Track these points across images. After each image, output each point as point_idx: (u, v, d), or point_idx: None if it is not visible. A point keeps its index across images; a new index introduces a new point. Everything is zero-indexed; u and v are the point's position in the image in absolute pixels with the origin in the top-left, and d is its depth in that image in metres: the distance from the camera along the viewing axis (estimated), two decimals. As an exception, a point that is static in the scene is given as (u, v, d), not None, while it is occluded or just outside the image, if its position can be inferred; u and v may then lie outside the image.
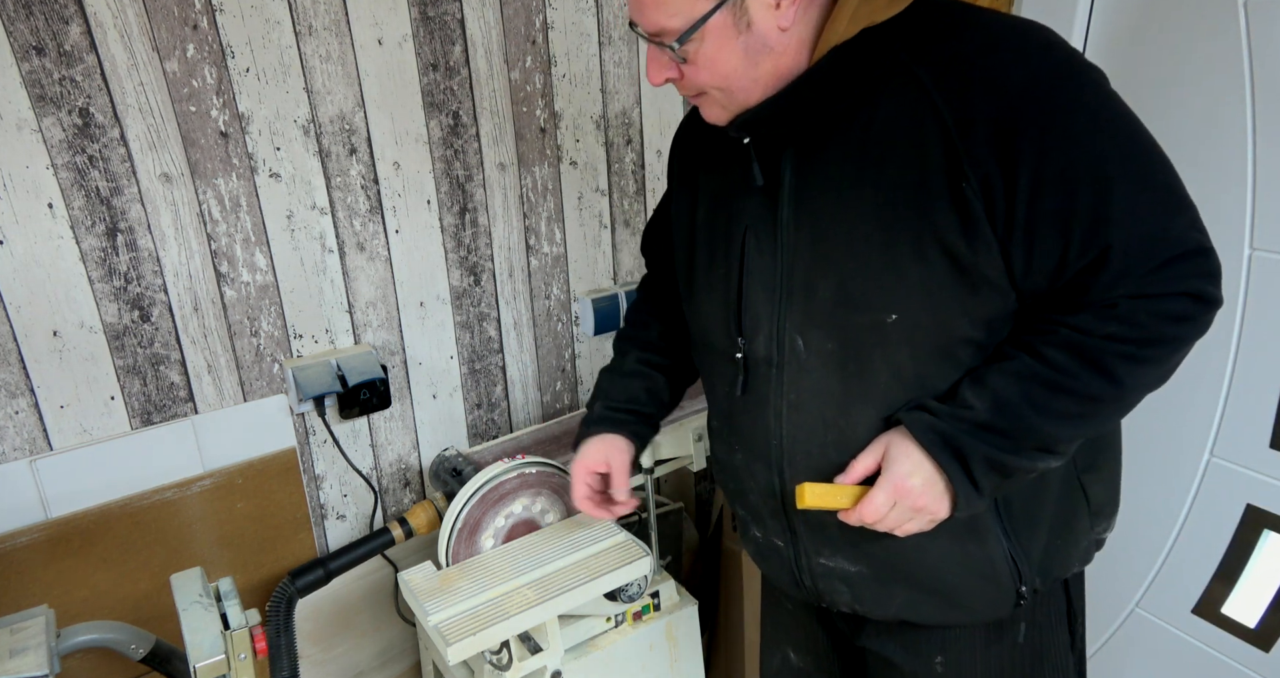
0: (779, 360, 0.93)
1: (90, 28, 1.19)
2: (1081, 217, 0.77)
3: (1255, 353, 1.33)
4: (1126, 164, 0.77)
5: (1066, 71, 0.78)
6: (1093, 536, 1.00)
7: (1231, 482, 1.38)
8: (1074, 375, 0.81)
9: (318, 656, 1.62)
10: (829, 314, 0.88)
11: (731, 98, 0.88)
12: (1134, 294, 0.79)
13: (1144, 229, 0.77)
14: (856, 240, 0.85)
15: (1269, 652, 1.35)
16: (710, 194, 1.01)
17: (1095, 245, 0.78)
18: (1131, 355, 0.80)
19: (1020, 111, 0.77)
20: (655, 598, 1.49)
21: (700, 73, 0.85)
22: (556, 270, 1.78)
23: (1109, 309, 0.79)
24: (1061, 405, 0.81)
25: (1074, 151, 0.77)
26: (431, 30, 1.49)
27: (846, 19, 0.81)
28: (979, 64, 0.78)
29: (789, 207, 0.90)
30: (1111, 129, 0.78)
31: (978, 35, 0.80)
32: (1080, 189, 0.77)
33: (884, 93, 0.82)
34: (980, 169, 0.78)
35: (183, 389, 1.39)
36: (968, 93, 0.78)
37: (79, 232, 1.25)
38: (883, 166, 0.83)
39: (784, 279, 0.91)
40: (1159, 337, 0.80)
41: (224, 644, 1.04)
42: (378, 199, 1.51)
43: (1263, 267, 1.30)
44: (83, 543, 1.32)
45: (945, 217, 0.80)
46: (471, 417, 1.75)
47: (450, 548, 1.32)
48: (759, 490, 1.01)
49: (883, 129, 0.82)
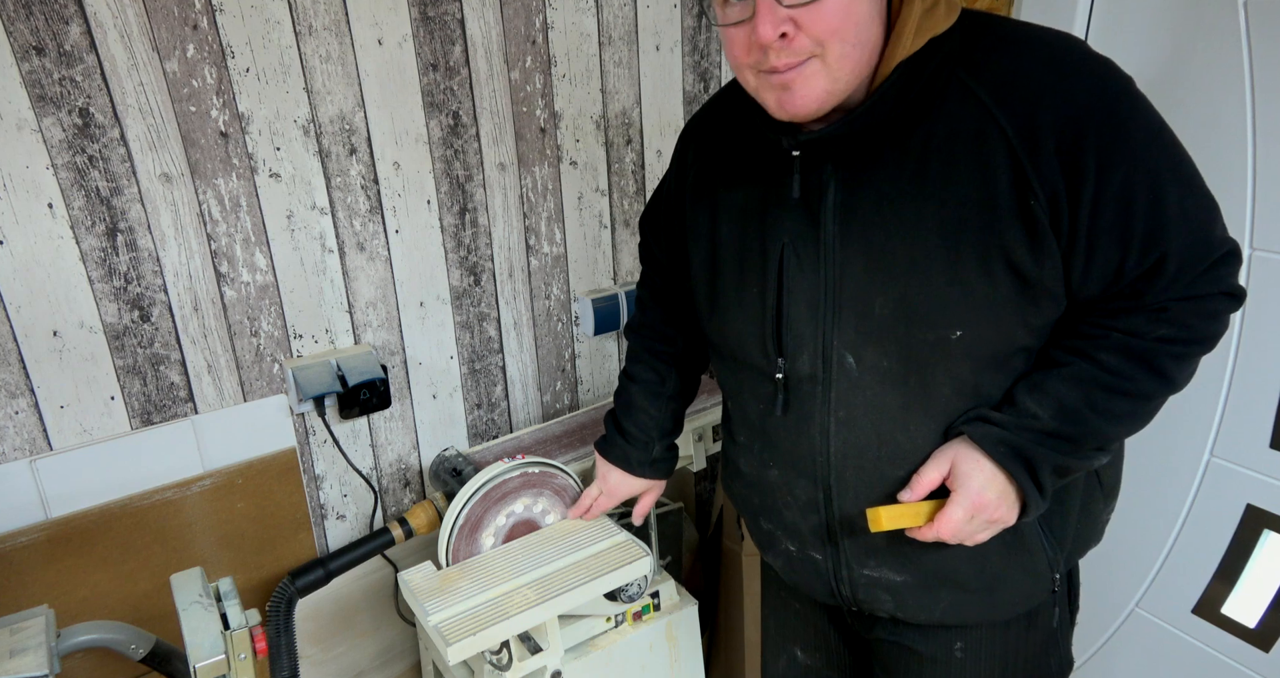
0: (825, 377, 0.92)
1: (90, 28, 1.19)
2: (1139, 228, 0.81)
3: (1255, 353, 1.33)
4: (1176, 174, 0.81)
5: (1119, 87, 0.80)
6: (1105, 516, 1.03)
7: (1231, 482, 1.38)
8: (1130, 377, 0.85)
9: (318, 656, 1.62)
10: (887, 330, 0.87)
11: (841, 64, 0.80)
12: (1183, 296, 0.83)
13: (1193, 236, 0.81)
14: (918, 257, 0.84)
15: (1269, 652, 1.35)
16: (735, 210, 0.97)
17: (1151, 254, 0.81)
18: (1181, 354, 0.86)
19: (1083, 127, 0.78)
20: (655, 598, 1.49)
21: (827, 16, 0.77)
22: (556, 270, 1.78)
23: (1160, 312, 0.84)
24: (1119, 406, 0.86)
25: (1133, 165, 0.79)
26: (431, 30, 1.49)
27: (912, 31, 0.81)
28: (1037, 80, 0.79)
29: (835, 221, 0.88)
30: (1161, 142, 0.81)
31: (1030, 51, 0.81)
32: (1137, 201, 0.80)
33: (942, 108, 0.82)
34: (1049, 185, 0.80)
35: (183, 389, 1.39)
36: (1030, 109, 0.79)
37: (79, 232, 1.25)
38: (946, 182, 0.82)
39: (831, 295, 0.90)
40: (1204, 335, 0.86)
41: (224, 644, 1.04)
42: (378, 199, 1.51)
43: (1263, 267, 1.30)
44: (83, 543, 1.32)
45: (1013, 232, 0.81)
46: (471, 417, 1.75)
47: (450, 546, 1.32)
48: (798, 506, 1.01)
49: (944, 145, 0.82)
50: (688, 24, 1.80)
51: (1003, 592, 0.97)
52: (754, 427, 1.03)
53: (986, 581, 0.96)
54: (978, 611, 0.98)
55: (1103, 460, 0.90)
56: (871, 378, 0.90)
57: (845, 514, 0.97)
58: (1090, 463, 0.88)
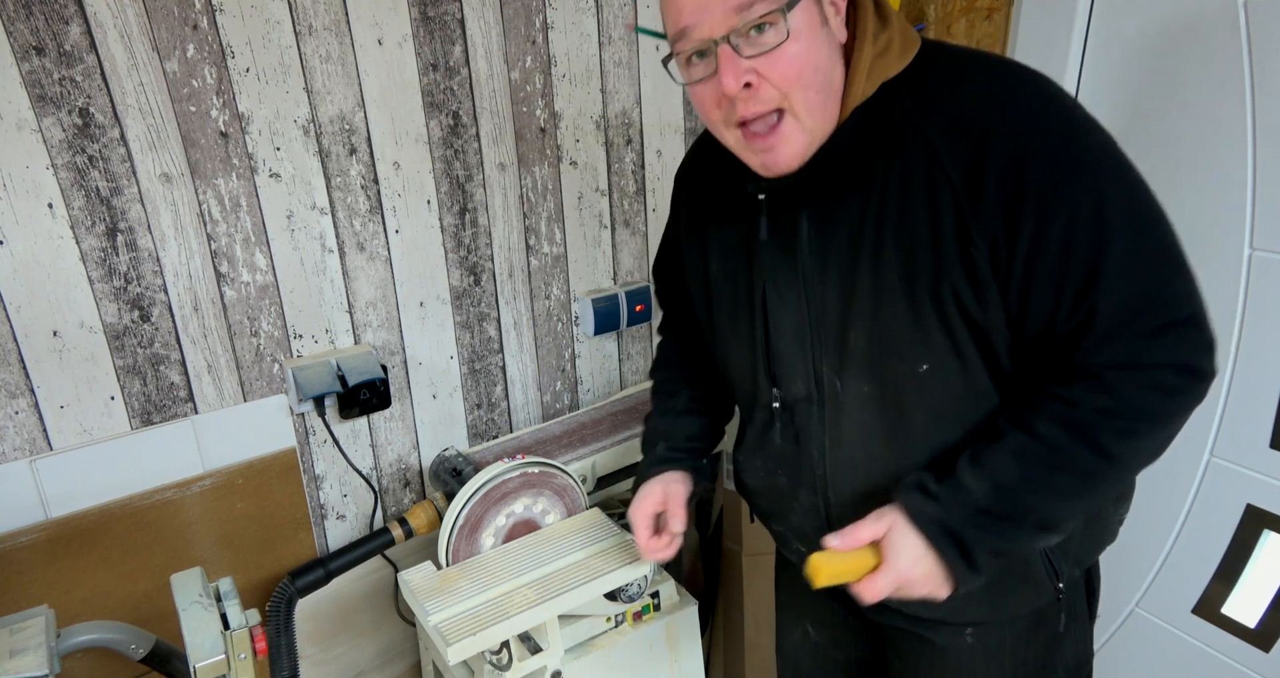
0: (820, 399, 0.95)
1: (90, 28, 1.19)
2: (1074, 279, 0.78)
3: (1255, 353, 1.33)
4: (1126, 228, 0.77)
5: (1071, 131, 0.78)
6: (1116, 518, 1.03)
7: (1231, 482, 1.38)
8: (1067, 452, 0.80)
9: (318, 656, 1.62)
10: (864, 360, 0.89)
11: (810, 113, 0.81)
12: (1121, 363, 0.78)
13: (1133, 295, 0.77)
14: (883, 295, 0.85)
15: (1269, 652, 1.35)
16: (722, 247, 1.00)
17: (1082, 309, 0.78)
18: (1122, 430, 0.79)
19: (1025, 173, 0.77)
20: (655, 598, 1.49)
21: (787, 64, 0.78)
22: (556, 270, 1.78)
23: (1094, 380, 0.79)
24: (1059, 483, 0.81)
25: (1075, 212, 0.77)
26: (431, 30, 1.49)
27: (864, 75, 0.82)
28: (983, 122, 0.78)
29: (812, 258, 0.90)
30: (1113, 192, 0.77)
31: (979, 90, 0.80)
32: (1075, 252, 0.77)
33: (897, 151, 0.82)
34: (986, 233, 0.79)
35: (183, 389, 1.39)
36: (974, 154, 0.78)
37: (79, 232, 1.25)
38: (901, 225, 0.83)
39: (814, 328, 0.92)
40: (1149, 411, 0.79)
41: (224, 644, 1.04)
42: (378, 199, 1.51)
43: (1263, 267, 1.30)
44: (83, 543, 1.32)
45: (958, 277, 0.81)
46: (471, 417, 1.75)
47: (450, 546, 1.32)
48: (803, 511, 1.04)
49: (899, 189, 0.82)
50: (688, 24, 1.80)
51: (1003, 598, 0.98)
52: (757, 446, 1.06)
53: (985, 589, 0.96)
54: (980, 612, 1.00)
55: (1053, 540, 0.87)
56: (854, 402, 0.92)
57: (844, 521, 0.99)
58: (1034, 543, 0.85)
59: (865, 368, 0.89)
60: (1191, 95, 1.33)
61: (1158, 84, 1.38)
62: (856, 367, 0.90)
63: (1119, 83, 1.45)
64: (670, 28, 0.83)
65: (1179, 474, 1.44)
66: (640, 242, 1.88)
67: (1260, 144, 1.27)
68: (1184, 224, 1.40)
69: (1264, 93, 1.25)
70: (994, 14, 1.70)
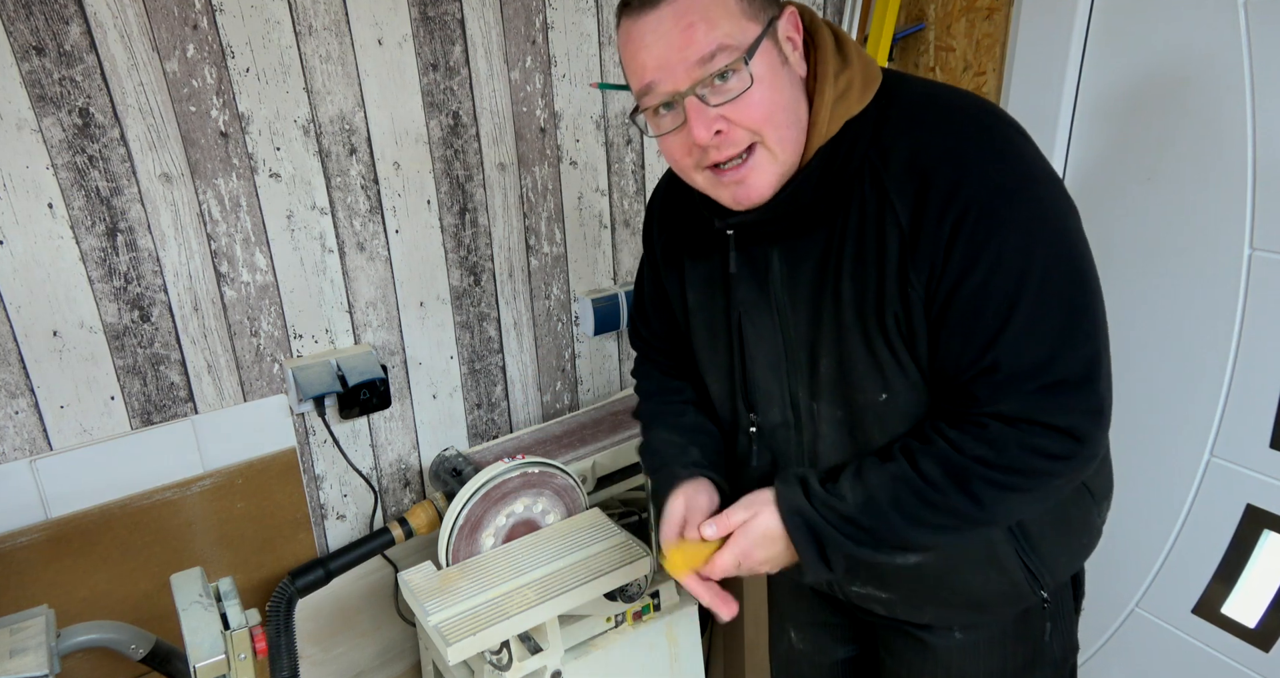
0: (796, 424, 0.97)
1: (90, 28, 1.19)
2: (981, 329, 0.80)
3: (1255, 353, 1.33)
4: (1042, 288, 0.79)
5: (1015, 186, 0.79)
6: (1099, 520, 1.04)
7: (1231, 482, 1.38)
8: (941, 490, 0.83)
9: (318, 656, 1.62)
10: (833, 387, 0.92)
11: (783, 146, 0.83)
12: (1008, 417, 0.80)
13: (1033, 354, 0.79)
14: (843, 329, 0.88)
15: (1269, 652, 1.36)
16: (698, 279, 1.01)
17: (984, 359, 0.80)
18: (996, 481, 0.82)
19: (961, 222, 0.78)
20: (655, 598, 1.49)
21: (754, 108, 0.80)
22: (556, 270, 1.78)
23: (981, 428, 0.82)
24: (926, 516, 0.84)
25: (996, 267, 0.78)
26: (431, 30, 1.49)
27: (827, 117, 0.83)
28: (931, 169, 0.80)
29: (784, 291, 0.92)
30: (1041, 251, 0.79)
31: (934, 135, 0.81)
32: (989, 303, 0.79)
33: (857, 190, 0.84)
34: (922, 276, 0.81)
35: (183, 389, 1.39)
36: (919, 201, 0.80)
37: (79, 232, 1.25)
38: (857, 263, 0.85)
39: (789, 356, 0.94)
40: (1025, 468, 0.81)
41: (224, 644, 1.04)
42: (378, 199, 1.51)
43: (1263, 267, 1.30)
44: (83, 543, 1.32)
45: (899, 316, 0.84)
46: (471, 417, 1.75)
47: (451, 546, 1.32)
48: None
49: (856, 228, 0.84)
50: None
51: (986, 604, 1.00)
52: (737, 469, 1.07)
53: (967, 598, 0.99)
54: (964, 617, 1.02)
55: (910, 559, 0.91)
56: (828, 427, 0.95)
57: None
58: (893, 560, 0.89)
59: (836, 394, 0.92)
60: (1191, 95, 1.33)
61: (1157, 84, 1.38)
62: (829, 392, 0.93)
63: (1119, 83, 1.45)
64: (634, 84, 0.84)
65: (1179, 474, 1.44)
66: (640, 242, 1.88)
67: (1260, 144, 1.27)
68: (1184, 224, 1.41)
69: (1264, 93, 1.25)
70: (994, 14, 1.70)
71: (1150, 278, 1.46)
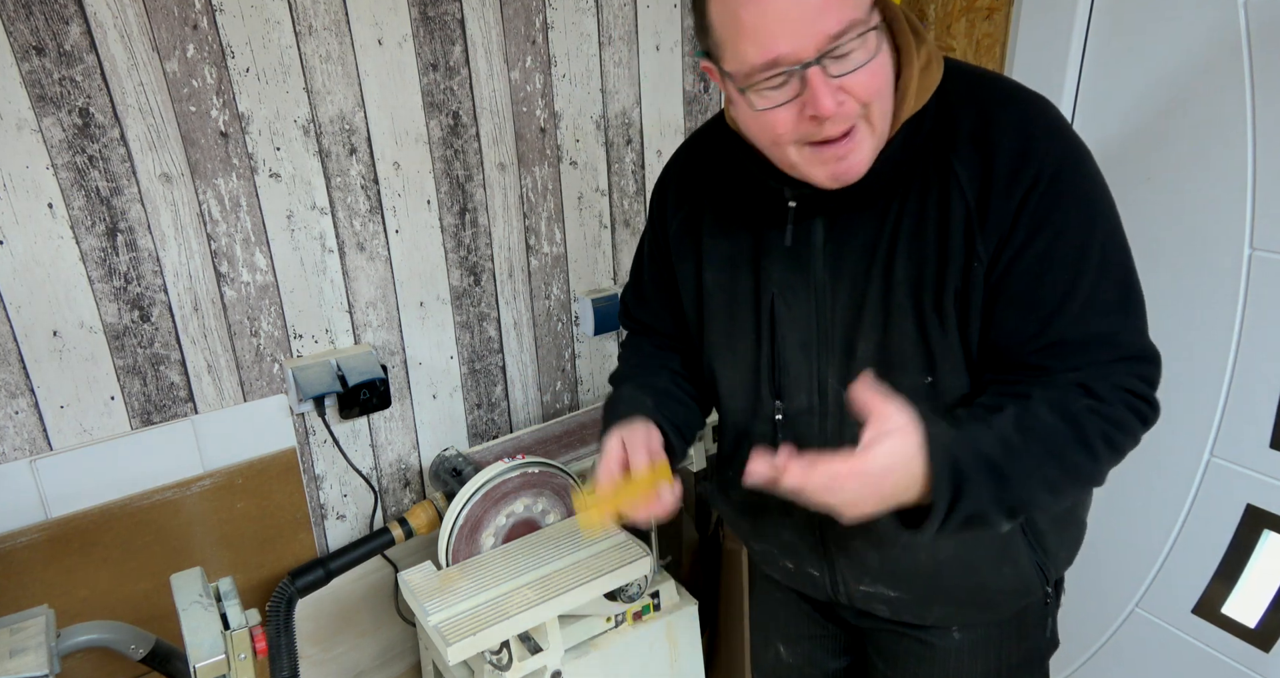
0: (822, 409, 0.95)
1: (90, 28, 1.19)
2: (1046, 298, 0.80)
3: (1255, 353, 1.33)
4: (1102, 261, 0.80)
5: (1076, 161, 0.81)
6: (1085, 514, 1.04)
7: (1231, 482, 1.38)
8: (1060, 437, 0.78)
9: (318, 656, 1.62)
10: (872, 372, 0.89)
11: (883, 121, 0.82)
12: (1093, 379, 0.80)
13: (1097, 326, 0.80)
14: (892, 308, 0.86)
15: (1269, 652, 1.35)
16: (721, 259, 0.98)
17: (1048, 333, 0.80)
18: (1105, 432, 0.79)
19: (1030, 191, 0.79)
20: (655, 598, 1.49)
21: (871, 80, 0.78)
22: (556, 270, 1.78)
23: (1078, 386, 0.80)
24: (1051, 470, 0.79)
25: (1059, 235, 0.80)
26: (431, 30, 1.49)
27: (914, 90, 0.83)
28: (1000, 144, 0.81)
29: (825, 268, 0.90)
30: (1100, 225, 0.81)
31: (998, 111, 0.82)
32: (1049, 276, 0.80)
33: (919, 167, 0.84)
34: (990, 246, 0.81)
35: (183, 389, 1.39)
36: (986, 173, 0.81)
37: (79, 232, 1.25)
38: (914, 241, 0.84)
39: (822, 337, 0.92)
40: (1123, 423, 0.80)
41: (224, 644, 1.04)
42: (378, 199, 1.51)
43: (1263, 267, 1.30)
44: (83, 543, 1.32)
45: (959, 292, 0.83)
46: (471, 417, 1.75)
47: (451, 546, 1.32)
48: (795, 527, 1.03)
49: (915, 205, 0.84)
50: (687, 24, 1.80)
51: (994, 603, 1.00)
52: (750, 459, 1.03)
53: (978, 594, 0.99)
54: (970, 616, 1.02)
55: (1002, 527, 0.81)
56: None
57: (839, 536, 1.00)
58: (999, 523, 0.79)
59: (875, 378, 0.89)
60: (1191, 95, 1.33)
61: (1157, 84, 1.38)
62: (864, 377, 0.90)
63: (1119, 83, 1.45)
64: (755, 57, 0.78)
65: (1179, 474, 1.44)
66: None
67: (1260, 144, 1.27)
68: (1184, 224, 1.41)
69: (1264, 93, 1.25)
70: (994, 14, 1.70)
71: (1150, 278, 1.46)
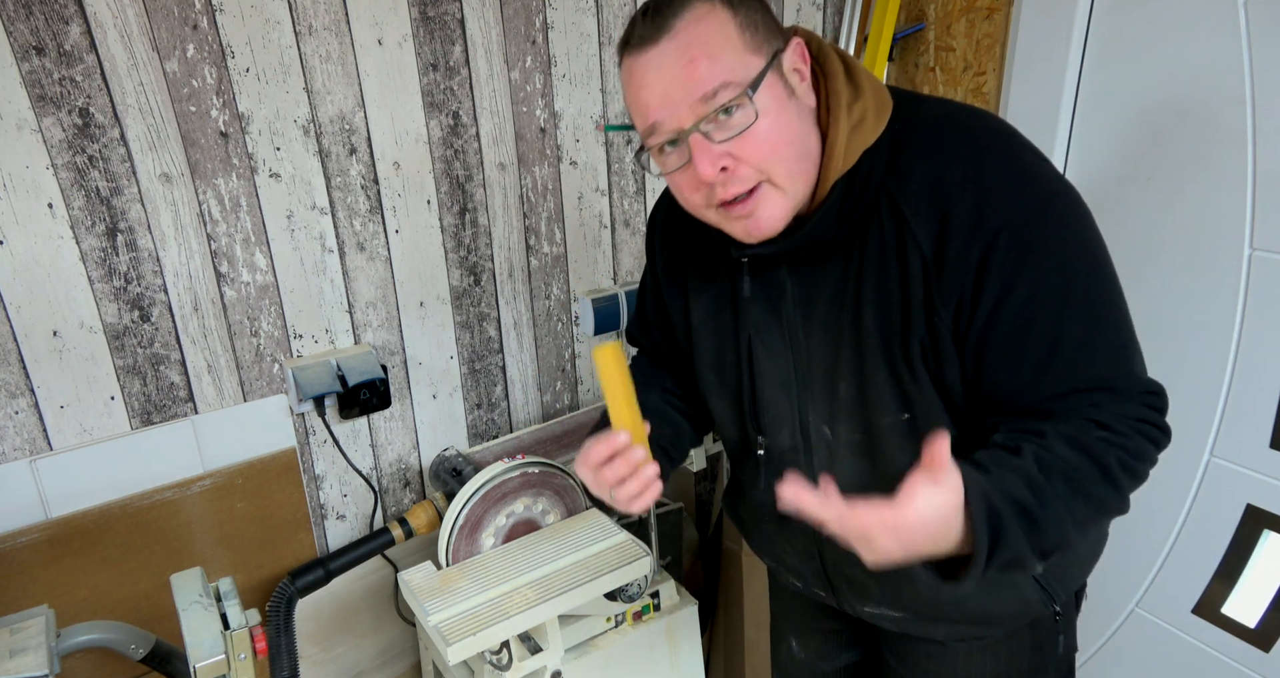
0: (806, 447, 0.96)
1: (90, 28, 1.19)
2: (1031, 354, 0.79)
3: (1255, 353, 1.33)
4: (1086, 304, 0.78)
5: (1037, 207, 0.78)
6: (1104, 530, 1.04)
7: (1231, 482, 1.38)
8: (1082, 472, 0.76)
9: (318, 656, 1.62)
10: (852, 410, 0.90)
11: (793, 180, 0.81)
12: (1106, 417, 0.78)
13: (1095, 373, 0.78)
14: (864, 352, 0.86)
15: (1269, 652, 1.36)
16: (706, 297, 1.00)
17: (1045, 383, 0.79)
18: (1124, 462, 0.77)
19: (990, 250, 0.77)
20: (655, 598, 1.49)
21: (760, 144, 0.78)
22: (556, 270, 1.78)
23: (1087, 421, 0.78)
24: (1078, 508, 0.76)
25: (1035, 291, 0.78)
26: (431, 30, 1.49)
27: (843, 150, 0.81)
28: (952, 196, 0.78)
29: (796, 313, 0.91)
30: (1074, 268, 0.78)
31: (951, 160, 0.80)
32: (1034, 328, 0.78)
33: (875, 216, 0.83)
34: (950, 302, 0.80)
35: (183, 389, 1.39)
36: (941, 228, 0.79)
37: (79, 232, 1.25)
38: (879, 289, 0.84)
39: (801, 376, 0.93)
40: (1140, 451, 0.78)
41: (224, 644, 1.04)
42: (378, 199, 1.51)
43: (1263, 267, 1.30)
44: (83, 543, 1.32)
45: (925, 343, 0.83)
46: (471, 417, 1.75)
47: (451, 546, 1.32)
48: (797, 553, 1.05)
49: (876, 254, 0.83)
50: (688, 24, 1.80)
51: (1000, 621, 1.01)
52: (745, 491, 1.07)
53: (981, 615, 0.99)
54: (979, 631, 1.02)
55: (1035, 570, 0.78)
56: (846, 450, 0.93)
57: (839, 565, 1.01)
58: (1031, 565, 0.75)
59: (854, 417, 0.91)
60: (1191, 95, 1.33)
61: (1157, 85, 1.38)
62: (846, 416, 0.91)
63: (1118, 83, 1.45)
64: (639, 123, 0.83)
65: (1179, 474, 1.44)
66: (640, 242, 1.88)
67: (1260, 144, 1.27)
68: (1184, 224, 1.41)
69: (1264, 94, 1.25)
70: (994, 14, 1.70)
71: (1150, 278, 1.46)
